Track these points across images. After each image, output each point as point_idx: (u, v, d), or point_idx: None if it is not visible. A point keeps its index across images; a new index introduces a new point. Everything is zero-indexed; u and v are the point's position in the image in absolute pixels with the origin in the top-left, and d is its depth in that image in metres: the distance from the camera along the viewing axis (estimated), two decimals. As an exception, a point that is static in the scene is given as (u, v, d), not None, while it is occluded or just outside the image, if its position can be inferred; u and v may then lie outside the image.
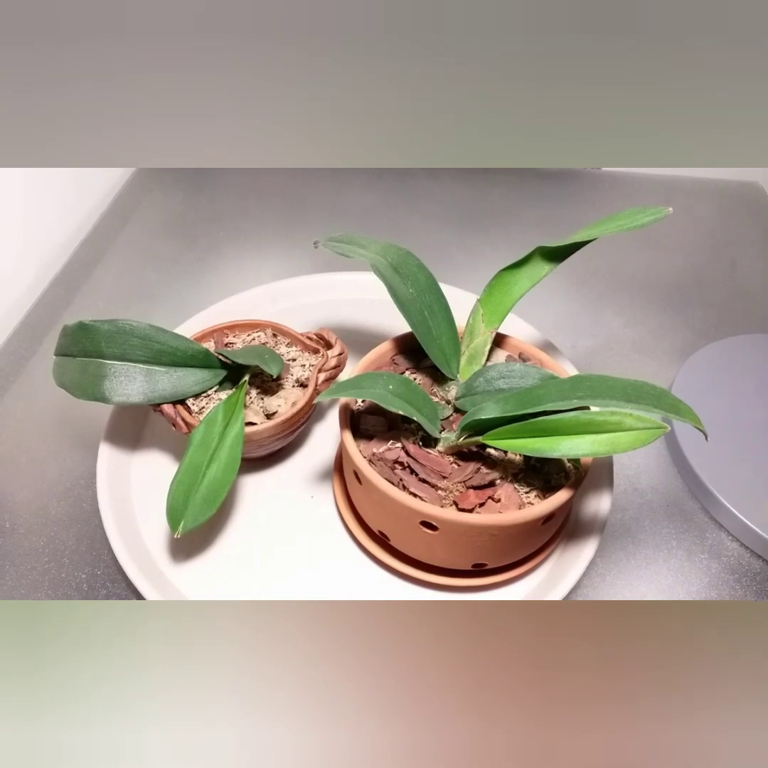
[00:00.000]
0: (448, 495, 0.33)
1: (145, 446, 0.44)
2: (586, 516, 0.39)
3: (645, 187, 0.73)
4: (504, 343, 0.40)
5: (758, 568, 0.40)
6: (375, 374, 0.34)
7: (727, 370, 0.49)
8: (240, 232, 0.64)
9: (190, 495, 0.34)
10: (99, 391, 0.36)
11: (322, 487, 0.42)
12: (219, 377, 0.39)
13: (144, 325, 0.37)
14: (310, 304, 0.54)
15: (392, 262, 0.36)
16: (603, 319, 0.57)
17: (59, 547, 0.39)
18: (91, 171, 0.67)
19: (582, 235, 0.33)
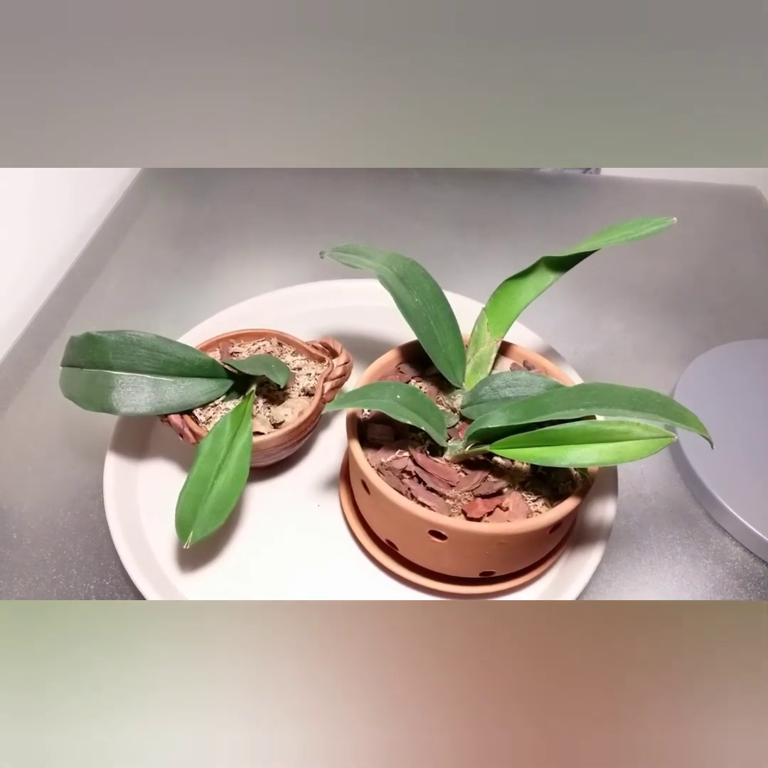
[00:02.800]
0: (456, 504, 0.33)
1: (151, 456, 0.44)
2: (592, 522, 0.39)
3: (644, 193, 0.74)
4: (508, 351, 0.41)
5: (762, 572, 0.40)
6: (383, 384, 0.34)
7: (728, 376, 0.50)
8: (242, 240, 0.65)
9: (198, 506, 0.34)
10: (107, 402, 0.36)
11: (328, 496, 0.42)
12: (226, 387, 0.39)
13: (151, 336, 0.37)
14: (314, 312, 0.54)
15: (398, 272, 0.37)
16: (604, 325, 0.57)
17: (67, 558, 0.39)
18: (92, 177, 0.68)
19: (587, 245, 0.34)
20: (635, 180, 0.76)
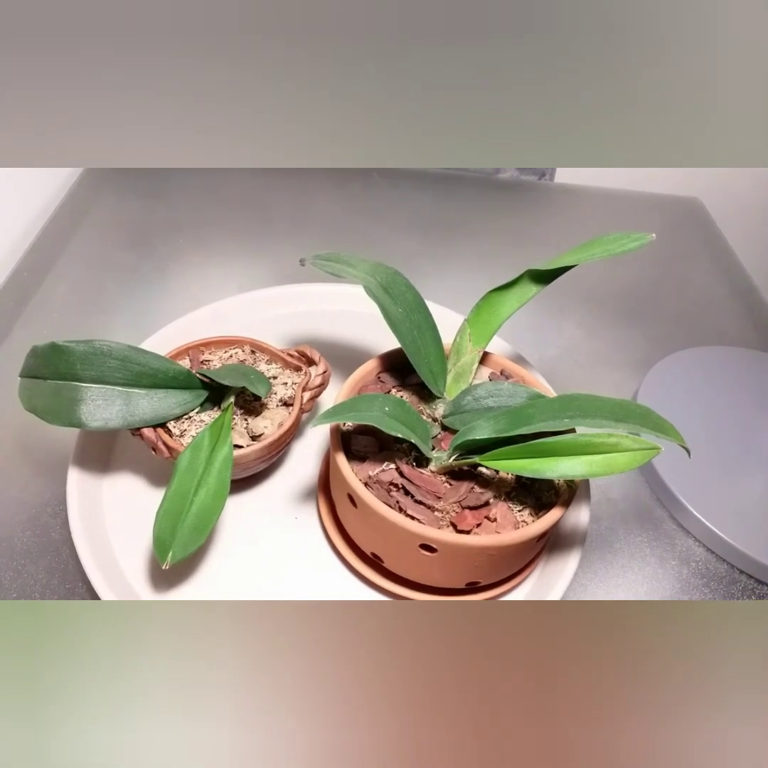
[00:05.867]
0: (444, 516, 0.33)
1: (116, 469, 0.42)
2: (567, 527, 0.40)
3: (595, 201, 0.76)
4: (486, 360, 0.41)
5: (723, 571, 0.42)
6: (371, 396, 0.33)
7: (687, 381, 0.52)
8: (201, 240, 0.62)
9: (177, 524, 0.33)
10: (75, 417, 0.34)
11: (305, 508, 0.41)
12: (201, 398, 0.37)
13: (123, 345, 0.35)
14: (281, 317, 0.53)
15: (382, 282, 0.36)
16: (566, 331, 0.58)
17: (28, 581, 0.37)
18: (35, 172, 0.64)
19: (571, 259, 0.34)
20: (587, 188, 0.78)
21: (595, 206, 0.75)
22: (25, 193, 0.62)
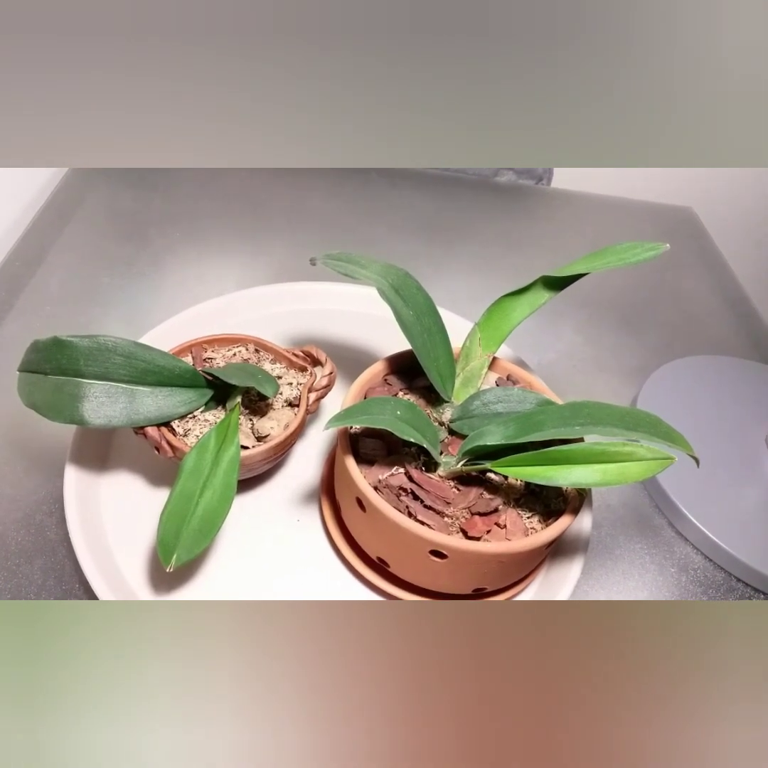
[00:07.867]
0: (454, 522, 0.33)
1: (114, 467, 0.41)
2: (570, 534, 0.40)
3: (591, 207, 0.77)
4: (493, 365, 0.41)
5: (721, 579, 0.42)
6: (382, 400, 0.33)
7: (684, 390, 0.52)
8: (198, 234, 0.61)
9: (182, 526, 0.32)
10: (77, 413, 0.33)
11: (308, 510, 0.41)
12: (205, 397, 0.37)
13: (128, 342, 0.34)
14: (281, 315, 0.53)
15: (393, 284, 0.36)
16: (564, 336, 0.59)
17: (23, 582, 0.36)
18: (27, 163, 0.62)
19: (585, 267, 0.34)
20: (583, 194, 0.78)
21: (591, 212, 0.76)
22: (16, 183, 0.61)
